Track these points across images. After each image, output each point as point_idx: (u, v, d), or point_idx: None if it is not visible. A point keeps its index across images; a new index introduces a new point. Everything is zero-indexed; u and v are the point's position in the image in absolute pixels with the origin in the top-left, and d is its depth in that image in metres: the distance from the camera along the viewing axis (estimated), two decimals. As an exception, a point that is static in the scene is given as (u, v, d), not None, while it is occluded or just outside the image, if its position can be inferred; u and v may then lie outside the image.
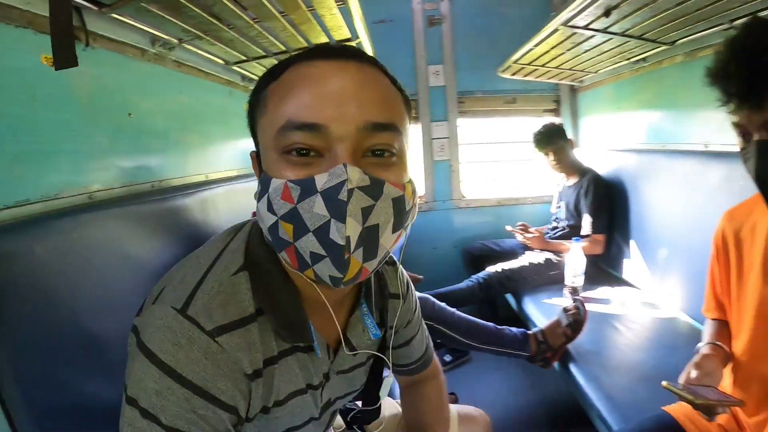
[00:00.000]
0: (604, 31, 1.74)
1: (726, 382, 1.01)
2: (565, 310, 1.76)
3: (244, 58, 1.75)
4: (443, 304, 1.85)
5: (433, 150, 3.06)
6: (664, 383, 0.89)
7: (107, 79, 1.18)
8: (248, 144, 0.61)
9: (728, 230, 1.01)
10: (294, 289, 0.60)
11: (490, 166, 3.37)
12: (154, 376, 0.50)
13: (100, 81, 1.15)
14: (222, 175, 1.85)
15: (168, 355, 0.50)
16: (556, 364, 1.73)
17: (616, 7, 1.48)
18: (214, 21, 1.26)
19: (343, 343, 0.68)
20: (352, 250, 0.49)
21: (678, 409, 1.04)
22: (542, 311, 2.04)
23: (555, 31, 1.78)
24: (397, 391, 1.08)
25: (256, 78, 2.06)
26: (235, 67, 1.86)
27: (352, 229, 0.49)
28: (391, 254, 0.63)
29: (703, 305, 1.14)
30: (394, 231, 0.53)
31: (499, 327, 1.83)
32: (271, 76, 0.56)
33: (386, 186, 0.51)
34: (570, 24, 1.69)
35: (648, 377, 1.39)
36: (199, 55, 1.62)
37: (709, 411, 0.84)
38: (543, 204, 3.05)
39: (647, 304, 1.98)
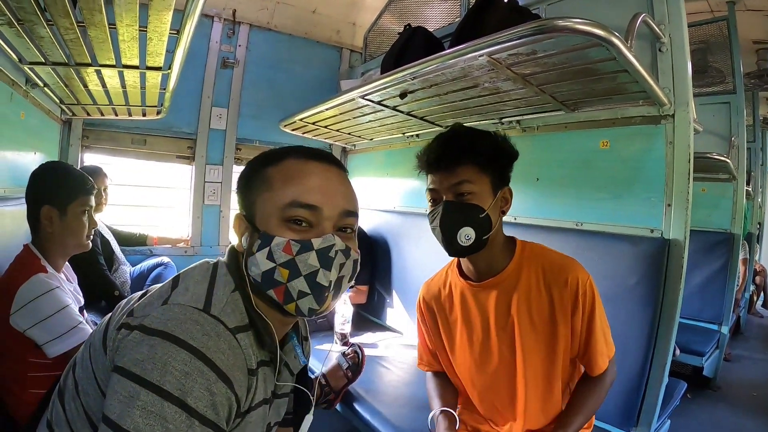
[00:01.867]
0: (394, 108, 2.05)
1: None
2: (344, 354, 1.88)
3: (42, 60, 1.44)
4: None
5: (205, 193, 2.95)
6: None
7: None
8: (26, 159, 0.57)
9: (428, 297, 1.28)
10: (263, 314, 0.75)
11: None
12: (183, 359, 0.59)
13: None
14: None
15: (199, 342, 0.61)
16: (338, 405, 1.83)
17: (412, 92, 1.79)
18: (38, 11, 1.02)
19: (283, 366, 0.83)
20: (330, 291, 0.73)
21: None
22: (316, 357, 2.09)
23: (351, 100, 1.99)
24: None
25: (41, 85, 1.83)
26: (26, 68, 1.52)
27: (333, 276, 0.72)
28: None
29: (417, 361, 1.39)
30: (349, 281, 0.78)
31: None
32: (269, 161, 0.76)
33: (352, 251, 0.76)
34: (367, 97, 1.94)
35: (423, 405, 1.56)
36: None
37: None
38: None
39: (410, 345, 2.28)
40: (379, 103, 2.01)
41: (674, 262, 1.40)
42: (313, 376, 1.81)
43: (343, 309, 2.23)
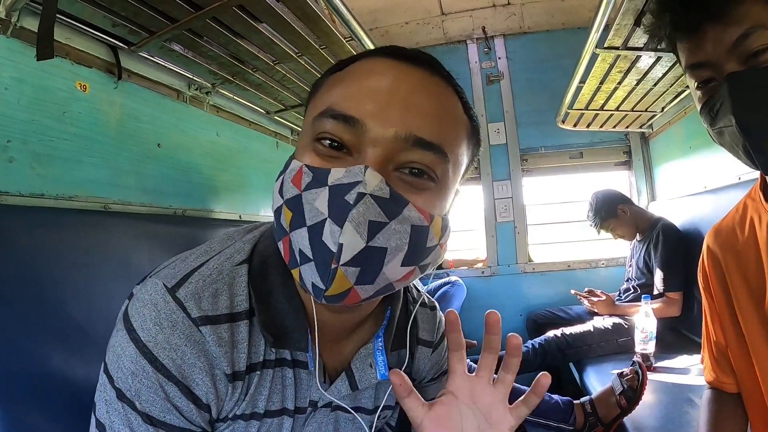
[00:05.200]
0: (647, 49, 1.64)
1: None
2: (621, 375, 1.56)
3: (281, 107, 1.95)
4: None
5: (496, 211, 3.04)
6: None
7: (138, 111, 1.41)
8: None
9: (717, 247, 0.84)
10: (295, 292, 0.56)
11: (558, 227, 3.26)
12: (131, 355, 0.49)
13: (130, 111, 1.38)
14: (257, 218, 2.05)
15: (148, 334, 0.49)
16: (607, 443, 1.51)
17: (643, 14, 1.37)
18: (235, 62, 1.46)
19: (344, 374, 0.62)
20: (341, 262, 0.44)
21: None
22: (601, 380, 1.83)
23: (594, 57, 1.73)
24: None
25: (298, 128, 2.37)
26: (278, 118, 2.08)
27: (349, 237, 0.43)
28: (433, 300, 0.68)
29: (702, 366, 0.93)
30: (404, 264, 0.48)
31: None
32: (337, 66, 0.55)
33: (408, 207, 0.46)
34: (607, 46, 1.64)
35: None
36: (236, 101, 1.87)
37: None
38: (618, 266, 2.84)
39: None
40: (625, 47, 1.64)
41: None
42: (576, 402, 1.59)
43: (644, 322, 1.86)
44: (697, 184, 2.23)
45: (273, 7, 1.16)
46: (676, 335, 2.09)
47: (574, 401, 1.61)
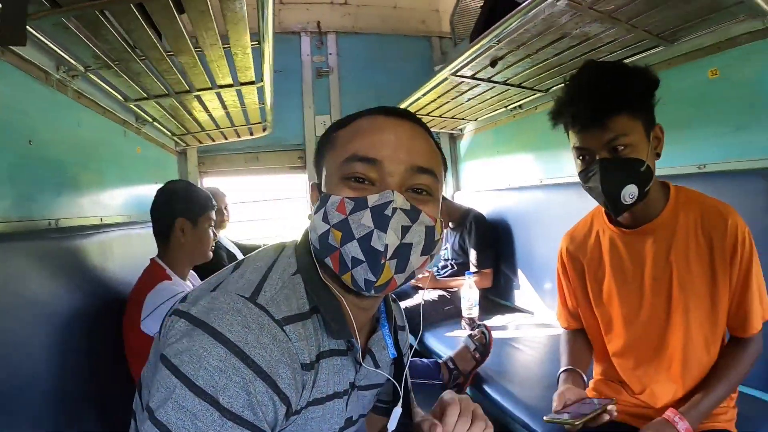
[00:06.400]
0: (489, 80, 2.08)
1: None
2: (471, 336, 1.92)
3: (144, 95, 1.75)
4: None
5: (321, 199, 3.19)
6: (545, 418, 1.06)
7: (11, 98, 1.14)
8: (143, 190, 0.69)
9: (572, 247, 1.24)
10: (332, 292, 0.70)
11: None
12: (219, 355, 0.55)
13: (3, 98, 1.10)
14: (118, 219, 1.83)
15: (237, 336, 0.57)
16: (468, 389, 1.86)
17: (501, 58, 1.81)
18: (128, 49, 1.27)
19: (368, 356, 0.76)
20: (388, 257, 0.63)
21: None
22: (446, 344, 2.19)
23: (444, 80, 2.07)
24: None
25: (150, 120, 2.15)
26: (132, 105, 1.86)
27: (391, 239, 0.62)
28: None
29: (557, 314, 1.36)
30: (422, 254, 0.67)
31: (410, 359, 1.93)
32: (340, 125, 0.72)
33: (422, 214, 0.65)
34: (458, 74, 2.00)
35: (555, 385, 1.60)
36: (100, 88, 1.61)
37: (594, 420, 1.01)
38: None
39: (541, 325, 2.26)
40: (472, 77, 2.06)
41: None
42: (440, 361, 1.89)
43: (468, 293, 2.27)
44: (503, 181, 2.82)
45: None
46: (489, 302, 2.66)
47: (438, 361, 1.93)
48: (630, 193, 0.97)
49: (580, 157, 1.03)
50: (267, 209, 3.55)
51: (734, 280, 1.01)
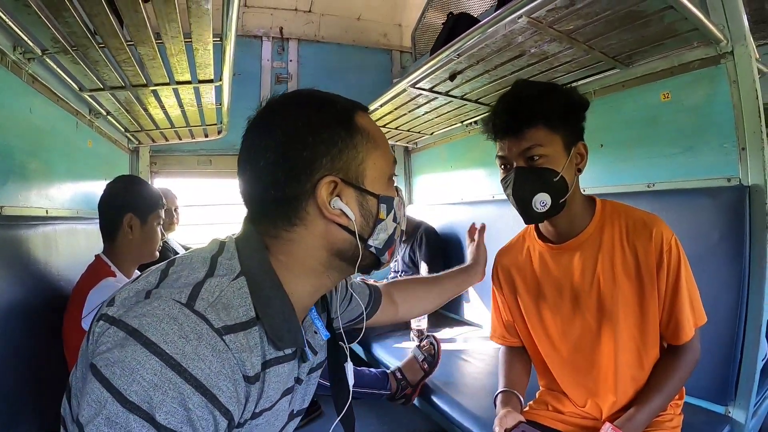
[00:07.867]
0: (446, 94, 2.16)
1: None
2: (419, 347, 1.96)
3: (100, 86, 1.71)
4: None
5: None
6: None
7: None
8: (91, 186, 0.70)
9: (505, 264, 1.29)
10: (285, 297, 0.67)
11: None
12: (153, 368, 0.52)
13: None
14: (64, 213, 1.77)
15: (173, 347, 0.53)
16: (416, 400, 1.89)
17: (460, 72, 1.87)
18: (88, 35, 1.24)
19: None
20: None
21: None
22: (394, 355, 2.21)
23: (402, 91, 2.13)
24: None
25: (104, 113, 2.11)
26: (87, 96, 1.81)
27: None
28: None
29: (491, 333, 1.39)
30: None
31: (357, 368, 1.96)
32: (351, 113, 0.72)
33: None
34: (417, 86, 2.06)
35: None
36: (56, 74, 1.57)
37: None
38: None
39: (488, 338, 2.32)
40: (430, 90, 2.11)
41: (757, 209, 1.34)
42: (388, 371, 1.93)
43: None
44: (455, 195, 2.91)
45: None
46: (438, 314, 2.71)
47: (386, 371, 1.96)
48: (541, 200, 1.04)
49: (502, 166, 1.11)
50: (217, 214, 3.48)
51: (663, 288, 1.05)
